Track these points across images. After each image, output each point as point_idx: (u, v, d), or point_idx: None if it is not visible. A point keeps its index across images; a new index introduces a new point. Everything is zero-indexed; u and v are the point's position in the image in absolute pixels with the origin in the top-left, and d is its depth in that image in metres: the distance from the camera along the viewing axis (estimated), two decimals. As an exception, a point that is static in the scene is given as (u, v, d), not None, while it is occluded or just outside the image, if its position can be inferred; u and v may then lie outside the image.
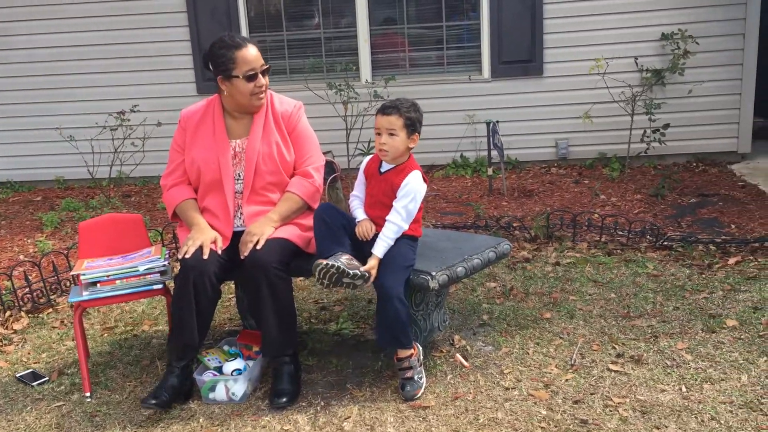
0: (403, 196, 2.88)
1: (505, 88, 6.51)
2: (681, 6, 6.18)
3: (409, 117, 2.89)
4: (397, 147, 2.89)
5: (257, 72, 2.99)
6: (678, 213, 5.09)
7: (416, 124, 2.92)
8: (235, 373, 2.93)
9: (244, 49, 2.97)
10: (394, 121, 2.88)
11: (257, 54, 3.01)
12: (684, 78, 6.19)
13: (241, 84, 2.98)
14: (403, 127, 2.88)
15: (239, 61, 2.96)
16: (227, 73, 2.99)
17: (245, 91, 3.00)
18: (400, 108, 2.89)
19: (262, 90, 3.03)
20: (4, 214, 6.07)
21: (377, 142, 2.92)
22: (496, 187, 5.92)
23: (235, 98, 3.03)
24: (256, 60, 2.99)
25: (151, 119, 6.41)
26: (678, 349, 3.11)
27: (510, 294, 3.82)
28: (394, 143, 2.88)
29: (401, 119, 2.88)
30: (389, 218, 2.86)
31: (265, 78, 3.04)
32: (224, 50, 2.98)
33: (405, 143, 2.90)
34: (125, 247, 3.21)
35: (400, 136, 2.88)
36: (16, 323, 3.80)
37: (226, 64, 2.97)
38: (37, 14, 6.57)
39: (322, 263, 2.73)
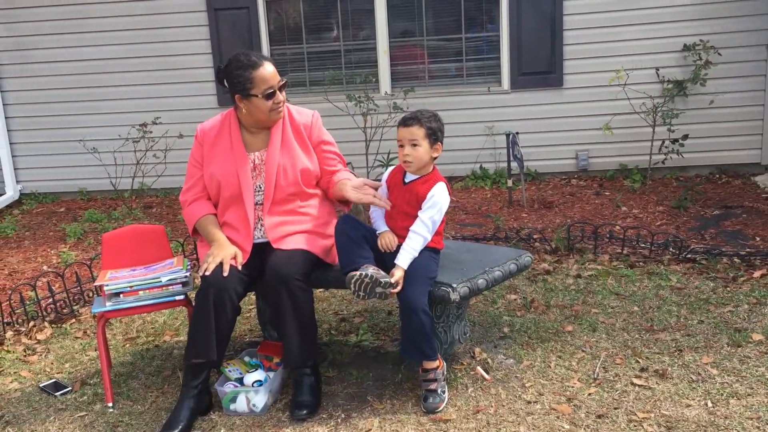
0: (430, 207, 2.87)
1: (525, 99, 6.49)
2: (703, 17, 6.14)
3: (430, 127, 2.90)
4: (421, 157, 2.90)
5: (275, 89, 3.01)
6: (701, 225, 5.03)
7: (438, 133, 2.93)
8: (256, 385, 2.93)
9: (261, 68, 2.98)
10: (415, 131, 2.89)
11: (274, 71, 3.02)
12: (706, 89, 6.14)
13: (260, 102, 2.99)
14: (425, 137, 2.89)
15: (257, 81, 2.97)
16: (245, 93, 2.99)
17: (264, 109, 3.01)
18: (421, 118, 2.91)
19: (280, 105, 3.05)
20: (28, 225, 6.15)
21: (400, 154, 2.93)
22: (516, 198, 5.90)
23: (254, 115, 3.05)
24: (273, 77, 3.00)
25: (173, 131, 6.47)
26: (703, 364, 3.07)
27: (531, 306, 3.79)
28: (417, 154, 2.89)
29: (423, 129, 2.89)
30: (414, 229, 2.86)
31: (282, 93, 3.05)
32: (241, 71, 2.97)
33: (428, 153, 2.91)
34: (148, 258, 3.23)
35: (423, 146, 2.89)
36: (39, 333, 3.84)
37: (243, 84, 2.98)
38: (62, 28, 6.67)
39: (355, 275, 2.73)
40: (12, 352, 3.65)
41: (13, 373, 3.42)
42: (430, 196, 2.88)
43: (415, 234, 2.86)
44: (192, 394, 2.86)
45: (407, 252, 2.85)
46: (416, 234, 2.86)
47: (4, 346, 3.70)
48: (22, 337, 3.81)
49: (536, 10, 6.29)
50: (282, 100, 3.04)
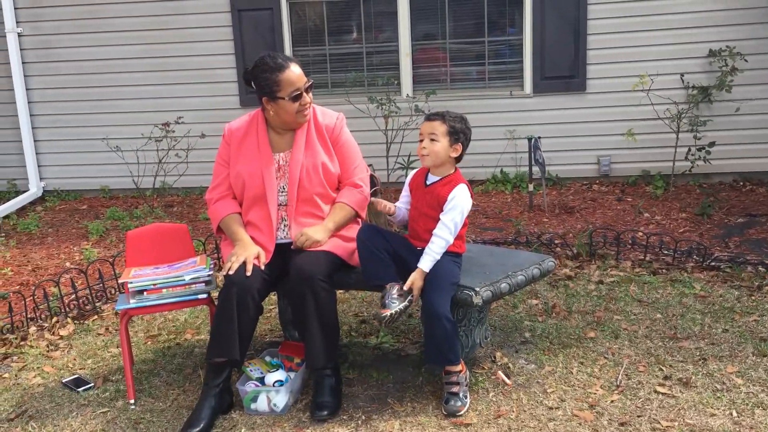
0: (451, 209, 2.87)
1: (547, 103, 6.46)
2: (729, 23, 6.08)
3: (452, 125, 2.90)
4: (437, 152, 2.89)
5: (302, 91, 3.01)
6: (725, 233, 4.98)
7: (460, 134, 2.92)
8: (277, 384, 2.94)
9: (287, 70, 2.99)
10: (436, 126, 2.90)
11: (300, 73, 3.02)
12: (731, 95, 6.07)
13: (286, 105, 3.00)
14: (446, 134, 2.89)
15: (284, 83, 2.98)
16: (272, 95, 3.00)
17: (291, 111, 3.02)
18: (446, 116, 2.92)
19: (306, 107, 3.06)
20: (51, 222, 6.21)
21: (419, 147, 2.95)
22: (537, 203, 5.87)
23: (281, 117, 3.05)
24: (299, 79, 3.00)
25: (195, 131, 6.51)
26: (728, 373, 3.03)
27: (552, 312, 3.77)
28: (434, 148, 2.89)
29: (444, 125, 2.90)
30: (436, 232, 2.86)
31: (309, 94, 3.06)
32: (267, 73, 2.99)
33: (446, 150, 2.90)
34: (171, 256, 3.25)
35: (442, 142, 2.89)
36: (62, 329, 3.87)
37: (270, 86, 2.99)
38: (86, 27, 6.73)
39: (386, 315, 2.77)
40: (35, 347, 3.68)
41: (36, 368, 3.45)
42: (451, 198, 2.88)
43: (437, 237, 2.86)
44: (213, 392, 2.87)
45: (429, 256, 2.85)
46: (438, 237, 2.86)
47: (28, 342, 3.74)
48: (45, 332, 3.84)
49: (560, 14, 6.26)
50: (309, 101, 3.05)
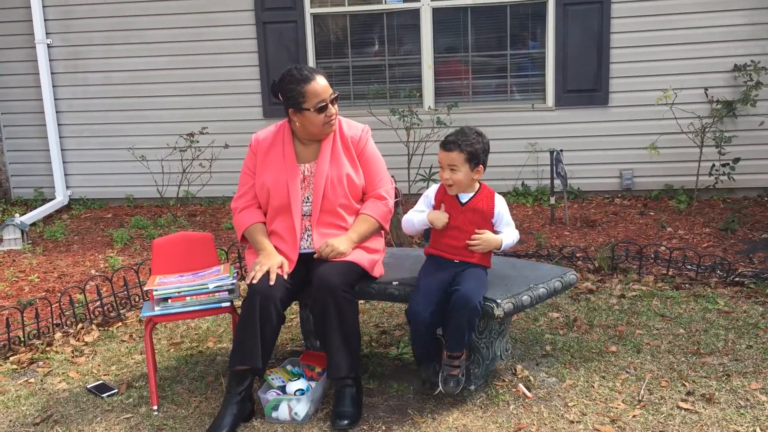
0: (502, 212, 3.00)
1: (570, 117, 6.46)
2: (754, 37, 6.05)
3: (470, 151, 2.91)
4: (461, 180, 2.93)
5: (327, 103, 3.05)
6: (749, 248, 4.93)
7: (479, 155, 2.93)
8: (298, 393, 2.95)
9: (313, 82, 3.03)
10: (454, 157, 2.91)
11: (326, 85, 3.06)
12: (756, 110, 6.03)
13: (312, 116, 3.04)
14: (465, 162, 2.91)
15: (309, 95, 3.02)
16: (298, 107, 3.04)
17: (317, 122, 3.06)
18: (461, 143, 2.91)
19: (332, 118, 3.09)
20: (77, 230, 6.31)
21: (442, 177, 2.97)
22: (558, 216, 5.86)
23: (307, 128, 3.09)
24: (324, 91, 3.04)
25: (219, 141, 6.58)
26: (752, 390, 3.00)
27: (573, 325, 3.75)
28: (457, 177, 2.93)
29: (462, 154, 2.91)
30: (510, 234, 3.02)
31: (334, 106, 3.09)
32: (294, 85, 3.03)
33: (469, 176, 2.94)
34: (196, 264, 3.29)
35: (463, 170, 2.92)
36: (87, 335, 3.93)
37: (296, 98, 3.03)
38: (116, 39, 6.86)
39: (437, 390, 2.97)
40: (60, 353, 3.74)
41: (61, 374, 3.51)
42: (498, 212, 2.99)
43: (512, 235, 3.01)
44: (235, 400, 2.89)
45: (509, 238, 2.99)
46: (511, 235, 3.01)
47: (53, 347, 3.80)
48: (70, 338, 3.90)
49: (583, 28, 6.27)
50: (334, 112, 3.08)
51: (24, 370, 3.57)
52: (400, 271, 3.23)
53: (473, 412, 2.92)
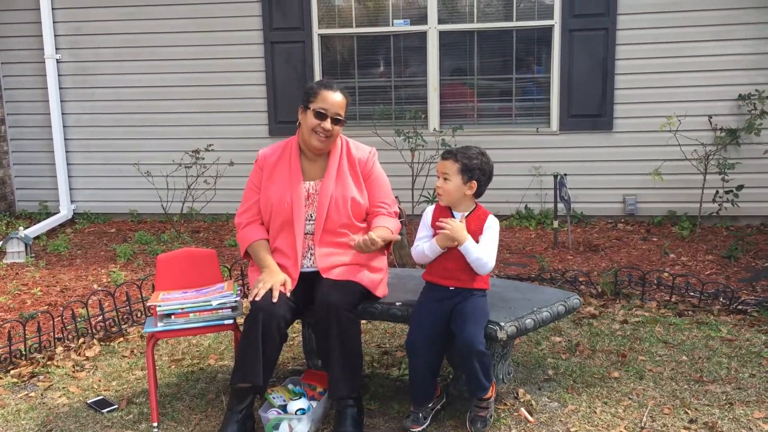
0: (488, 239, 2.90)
1: (573, 141, 6.49)
2: (759, 66, 6.10)
3: (465, 163, 2.89)
4: (450, 191, 2.92)
5: (327, 115, 3.07)
6: (752, 276, 4.93)
7: (474, 170, 2.90)
8: (299, 413, 2.94)
9: (330, 90, 3.09)
10: (448, 165, 2.92)
11: (338, 101, 3.09)
12: (760, 138, 6.06)
13: (309, 116, 3.08)
14: (458, 173, 2.90)
15: (319, 97, 3.08)
16: (306, 103, 3.11)
17: (309, 125, 3.08)
18: (457, 154, 2.92)
19: (324, 132, 3.07)
20: (80, 244, 6.32)
21: (436, 185, 2.98)
22: (561, 240, 5.86)
23: (303, 132, 3.13)
24: (332, 104, 3.07)
25: (224, 159, 6.61)
26: (755, 419, 2.99)
27: (576, 350, 3.74)
28: (447, 187, 2.92)
29: (456, 164, 2.90)
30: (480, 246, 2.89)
31: (334, 126, 3.08)
32: (316, 85, 3.14)
33: (459, 189, 2.91)
34: (199, 281, 3.29)
35: (454, 181, 2.90)
36: (88, 350, 3.92)
37: (309, 95, 3.11)
38: (125, 55, 6.92)
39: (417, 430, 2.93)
40: (62, 367, 3.73)
41: (61, 389, 3.50)
42: (487, 228, 2.92)
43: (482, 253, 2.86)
44: (236, 418, 2.88)
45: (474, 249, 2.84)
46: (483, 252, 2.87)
47: (54, 362, 3.79)
48: (71, 353, 3.89)
49: (588, 53, 6.32)
50: (328, 128, 3.07)
51: (24, 383, 3.56)
52: (403, 292, 3.23)
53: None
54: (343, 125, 3.14)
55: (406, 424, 2.94)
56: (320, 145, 3.11)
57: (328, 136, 3.09)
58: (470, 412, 2.94)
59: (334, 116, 3.08)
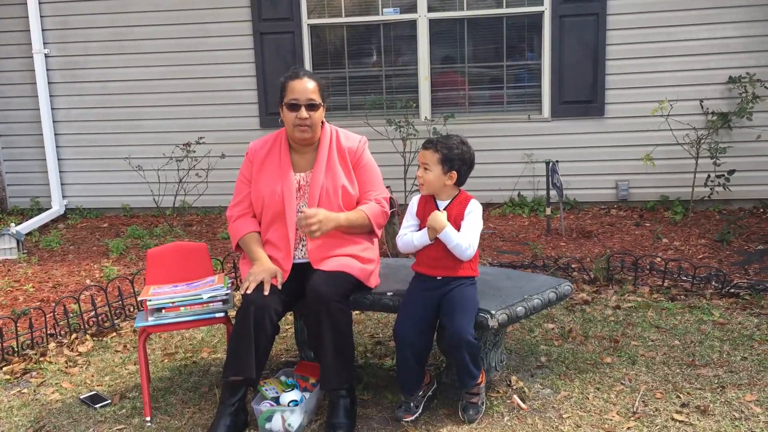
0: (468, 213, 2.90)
1: (565, 128, 6.48)
2: (749, 50, 6.09)
3: (445, 154, 2.88)
4: (430, 181, 2.91)
5: (300, 104, 3.04)
6: (744, 260, 4.93)
7: (454, 160, 2.89)
8: (292, 404, 2.94)
9: (297, 79, 3.06)
10: (428, 155, 2.91)
11: (306, 87, 3.04)
12: (752, 122, 6.05)
13: (285, 112, 3.07)
14: (438, 163, 2.89)
15: (288, 90, 3.06)
16: (281, 100, 3.10)
17: (288, 121, 3.07)
18: (437, 143, 2.91)
19: (303, 122, 3.04)
20: (73, 240, 6.30)
21: (417, 175, 2.98)
22: (554, 227, 5.86)
23: (286, 128, 3.13)
24: (301, 92, 3.03)
25: (215, 151, 6.59)
26: (746, 401, 3.00)
27: (569, 336, 3.75)
28: (427, 177, 2.92)
29: (436, 154, 2.89)
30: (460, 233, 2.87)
31: (311, 112, 3.04)
32: (284, 79, 3.12)
33: (439, 179, 2.90)
34: (190, 274, 3.29)
35: (434, 171, 2.90)
36: (81, 346, 3.91)
37: (281, 91, 3.10)
38: (113, 49, 6.87)
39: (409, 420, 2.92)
40: (54, 363, 3.73)
41: (54, 384, 3.49)
42: (468, 212, 2.91)
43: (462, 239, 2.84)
44: (229, 411, 2.88)
45: (453, 236, 2.83)
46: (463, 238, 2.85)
47: (47, 358, 3.78)
48: (64, 348, 3.89)
49: (579, 39, 6.30)
50: (305, 117, 3.03)
51: (17, 380, 3.55)
52: (395, 282, 3.23)
53: (467, 423, 2.91)
54: (319, 109, 3.08)
55: (398, 413, 2.95)
56: (304, 136, 3.08)
57: (308, 125, 3.06)
58: (462, 400, 2.95)
59: (307, 103, 3.04)
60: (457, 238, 2.85)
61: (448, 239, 2.84)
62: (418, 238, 2.93)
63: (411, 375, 2.92)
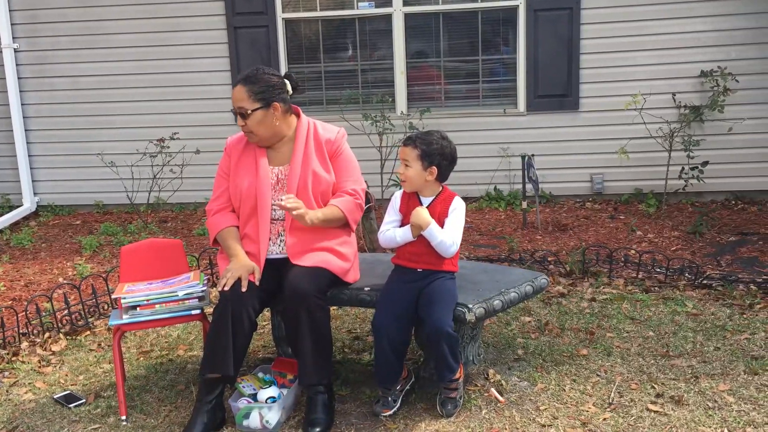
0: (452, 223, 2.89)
1: (541, 122, 6.51)
2: (720, 43, 6.16)
3: (424, 149, 2.88)
4: (411, 177, 2.92)
5: (235, 112, 3.04)
6: (717, 251, 5.01)
7: (434, 156, 2.89)
8: (270, 401, 2.93)
9: (234, 87, 3.05)
10: (408, 152, 2.92)
11: (236, 96, 3.01)
12: (723, 115, 6.14)
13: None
14: (418, 159, 2.89)
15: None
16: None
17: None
18: (416, 140, 2.92)
19: (244, 128, 3.05)
20: (44, 237, 6.20)
21: (398, 171, 2.98)
22: (530, 220, 5.90)
23: None
24: (234, 100, 3.04)
25: (190, 147, 6.52)
26: (720, 391, 3.04)
27: (545, 329, 3.78)
28: (408, 173, 2.92)
29: (416, 150, 2.89)
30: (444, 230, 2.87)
31: (244, 120, 3.01)
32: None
33: (420, 175, 2.91)
34: (165, 271, 3.25)
35: (414, 167, 2.90)
36: (54, 345, 3.86)
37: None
38: (82, 44, 6.76)
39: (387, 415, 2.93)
40: (27, 362, 3.67)
41: (27, 384, 3.44)
42: (453, 209, 2.91)
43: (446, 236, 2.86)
44: (206, 408, 2.86)
45: (438, 233, 2.83)
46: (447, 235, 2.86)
47: (20, 357, 3.72)
48: (37, 348, 3.83)
49: (553, 34, 6.33)
50: (242, 124, 3.04)
51: (-11, 380, 3.50)
52: (372, 277, 3.23)
53: (445, 417, 2.92)
54: (253, 115, 3.00)
55: (376, 408, 2.95)
56: (252, 140, 3.10)
57: (248, 131, 3.06)
58: (440, 394, 2.95)
59: (238, 111, 3.03)
60: (441, 235, 2.85)
61: (432, 236, 2.85)
62: (401, 234, 2.93)
63: (389, 368, 2.92)
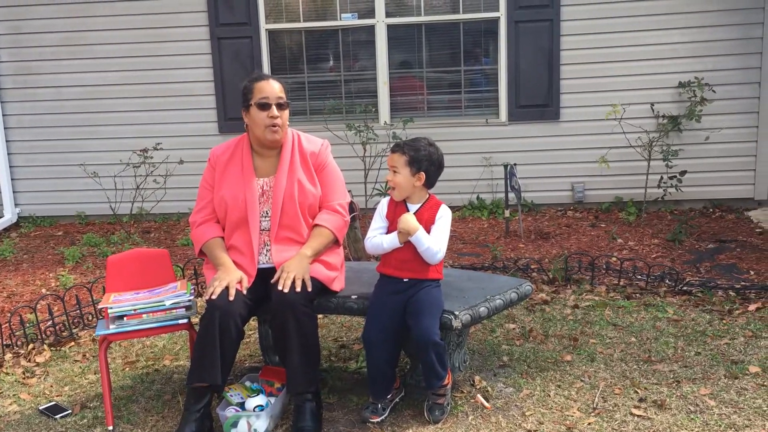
0: (439, 217, 2.94)
1: (522, 131, 6.59)
2: (697, 54, 6.28)
3: (413, 155, 2.92)
4: (401, 184, 2.95)
5: (270, 103, 3.05)
6: (696, 258, 5.09)
7: (422, 162, 2.93)
8: (258, 410, 2.94)
9: (264, 81, 3.09)
10: (396, 158, 2.95)
11: (275, 88, 3.08)
12: (701, 125, 6.25)
13: (254, 112, 3.06)
14: (406, 165, 2.93)
15: (256, 91, 3.08)
16: (246, 103, 3.10)
17: (259, 122, 3.06)
18: (405, 146, 2.95)
19: (274, 122, 3.06)
20: (26, 248, 6.15)
21: (387, 178, 3.02)
22: (513, 229, 5.96)
23: (253, 131, 3.11)
24: (271, 91, 3.07)
25: (174, 157, 6.51)
26: (701, 395, 3.10)
27: (529, 336, 3.82)
28: (397, 180, 2.96)
29: (404, 157, 2.93)
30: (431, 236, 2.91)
31: (280, 111, 3.07)
32: (248, 83, 3.13)
33: (409, 181, 2.94)
34: (151, 281, 3.25)
35: (403, 173, 2.94)
36: (38, 356, 3.83)
37: (246, 95, 3.10)
38: (65, 54, 6.74)
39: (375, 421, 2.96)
40: (11, 374, 3.64)
41: (12, 396, 3.41)
42: (439, 217, 2.95)
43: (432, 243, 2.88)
44: (194, 418, 2.86)
45: (425, 239, 2.86)
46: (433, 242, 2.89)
47: (3, 369, 3.70)
48: (21, 359, 3.80)
49: (534, 45, 6.42)
50: (276, 116, 3.06)
51: (-28, 393, 3.47)
52: (359, 285, 3.25)
53: (433, 424, 2.95)
54: (287, 108, 3.12)
55: (364, 414, 2.97)
56: (275, 137, 3.10)
57: (279, 125, 3.08)
58: (428, 401, 2.98)
59: (277, 101, 3.07)
60: (428, 241, 2.88)
61: (419, 243, 2.88)
62: (388, 241, 2.96)
63: (383, 380, 2.96)
